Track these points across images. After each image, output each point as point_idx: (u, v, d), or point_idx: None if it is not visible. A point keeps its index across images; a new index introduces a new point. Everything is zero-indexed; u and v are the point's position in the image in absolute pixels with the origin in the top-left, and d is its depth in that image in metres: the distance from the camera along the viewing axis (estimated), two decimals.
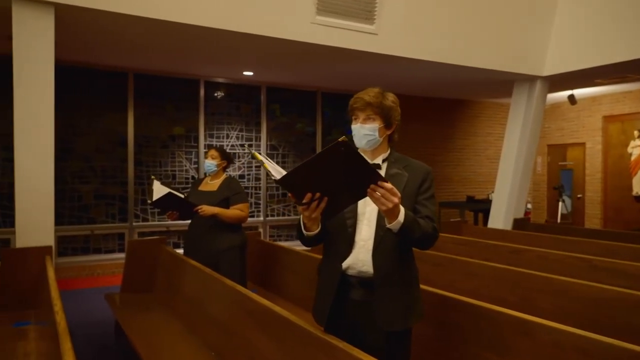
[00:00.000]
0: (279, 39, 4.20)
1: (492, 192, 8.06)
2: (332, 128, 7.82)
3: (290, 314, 2.03)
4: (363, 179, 1.52)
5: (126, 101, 6.30)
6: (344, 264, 1.80)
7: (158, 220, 6.48)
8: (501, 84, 6.40)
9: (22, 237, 3.44)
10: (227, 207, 3.32)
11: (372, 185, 1.53)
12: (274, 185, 7.31)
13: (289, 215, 7.42)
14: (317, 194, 1.54)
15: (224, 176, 3.49)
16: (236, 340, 2.46)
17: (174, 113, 6.62)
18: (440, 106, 8.55)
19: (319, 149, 7.63)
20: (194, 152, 6.74)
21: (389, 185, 1.54)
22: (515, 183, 6.15)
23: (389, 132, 1.87)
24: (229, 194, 3.33)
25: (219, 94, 6.93)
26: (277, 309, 2.14)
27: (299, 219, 1.78)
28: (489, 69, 5.46)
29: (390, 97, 1.85)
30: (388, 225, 1.65)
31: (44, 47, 3.25)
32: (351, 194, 1.59)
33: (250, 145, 7.10)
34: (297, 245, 6.26)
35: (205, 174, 3.65)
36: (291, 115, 7.47)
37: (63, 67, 5.50)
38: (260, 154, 1.62)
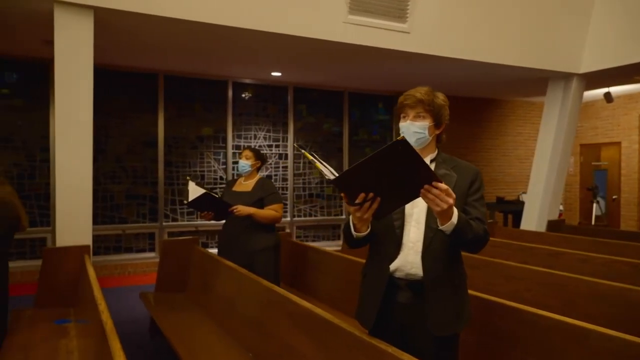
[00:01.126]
0: (310, 38, 4.19)
1: (523, 192, 7.87)
2: (359, 128, 7.78)
3: (333, 317, 2.00)
4: (418, 179, 1.48)
5: (156, 103, 6.39)
6: (392, 266, 1.76)
7: (187, 220, 6.55)
8: (535, 82, 6.24)
9: (61, 236, 3.51)
10: (262, 208, 3.31)
11: (426, 186, 1.50)
12: (301, 185, 7.31)
13: (315, 216, 7.41)
14: (370, 194, 1.50)
15: (257, 176, 3.49)
16: (274, 342, 2.44)
17: (203, 114, 6.68)
18: (469, 105, 8.40)
19: (345, 149, 7.59)
20: (222, 153, 6.79)
21: (444, 185, 1.50)
22: (549, 184, 5.99)
23: (438, 132, 1.84)
24: (264, 194, 3.33)
25: (246, 95, 6.97)
26: (318, 311, 2.11)
27: (347, 219, 1.75)
28: (523, 67, 5.32)
29: (441, 96, 1.81)
30: (441, 227, 1.61)
31: (84, 50, 3.31)
32: (404, 195, 1.56)
33: (277, 146, 7.11)
34: (327, 246, 6.25)
35: (234, 174, 3.65)
36: (318, 115, 7.45)
37: (96, 70, 5.60)
38: (311, 154, 1.59)
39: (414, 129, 1.78)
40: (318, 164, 1.53)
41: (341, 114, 7.61)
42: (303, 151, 1.69)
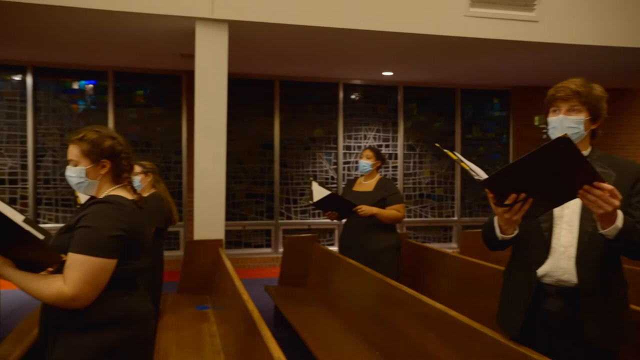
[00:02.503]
0: (428, 35, 4.11)
1: None
2: (473, 126, 7.44)
3: (472, 321, 1.94)
4: (577, 179, 1.38)
5: (273, 107, 6.75)
6: (540, 271, 1.66)
7: (301, 219, 6.83)
8: None
9: (199, 230, 3.88)
10: (383, 208, 3.33)
11: (586, 186, 1.39)
12: (411, 185, 7.20)
13: (426, 217, 7.24)
14: (522, 195, 1.44)
15: (377, 176, 3.51)
16: (402, 342, 2.44)
17: (315, 116, 6.91)
18: None
19: (457, 148, 7.31)
20: (333, 153, 6.95)
21: (608, 186, 1.38)
22: None
23: (593, 127, 1.69)
24: (386, 194, 3.34)
25: (356, 96, 7.05)
26: (454, 313, 2.06)
27: (490, 220, 1.69)
28: None
29: (598, 88, 1.66)
30: (602, 231, 1.48)
31: (220, 61, 3.62)
32: (559, 195, 1.46)
33: (387, 146, 7.09)
34: (446, 247, 6.08)
35: (344, 174, 3.70)
36: (429, 114, 7.28)
37: None
38: (454, 153, 1.57)
39: (567, 124, 1.65)
40: (465, 164, 1.50)
41: (453, 112, 7.34)
42: (445, 150, 1.66)
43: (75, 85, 6.15)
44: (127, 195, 1.58)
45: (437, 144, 2.28)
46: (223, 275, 3.28)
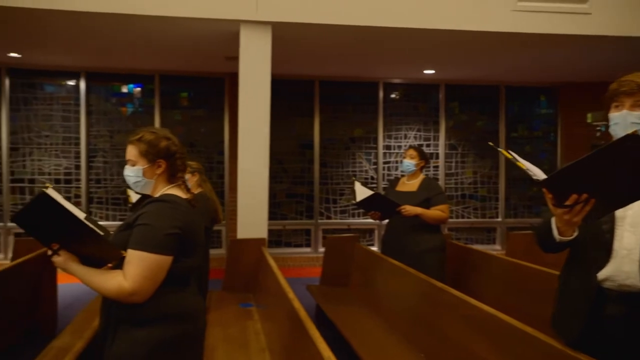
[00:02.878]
0: (475, 31, 4.01)
1: None
2: (518, 124, 7.20)
3: (524, 325, 1.88)
4: None
5: (313, 107, 6.79)
6: (600, 275, 1.58)
7: (340, 219, 6.83)
8: None
9: (242, 229, 3.95)
10: (427, 208, 3.28)
11: None
12: (453, 186, 7.05)
13: (468, 218, 7.07)
14: (584, 196, 1.37)
15: (421, 176, 3.46)
16: (450, 345, 2.40)
17: (355, 116, 6.89)
18: None
19: (502, 147, 7.09)
20: (373, 153, 6.91)
21: None
22: None
23: None
24: (431, 194, 3.29)
25: (396, 95, 6.98)
26: (505, 317, 2.00)
27: (546, 221, 1.62)
28: None
29: None
30: None
31: (263, 63, 3.68)
32: (624, 196, 1.38)
33: (427, 145, 6.98)
34: (490, 249, 5.92)
35: (383, 174, 3.66)
36: (471, 112, 7.11)
37: None
38: (510, 152, 1.52)
39: (631, 119, 1.56)
40: (521, 163, 1.45)
41: (497, 110, 7.13)
42: (500, 149, 1.62)
43: (124, 89, 6.41)
44: (181, 194, 1.63)
45: (490, 143, 2.22)
46: (267, 273, 3.33)
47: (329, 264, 4.21)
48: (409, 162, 3.41)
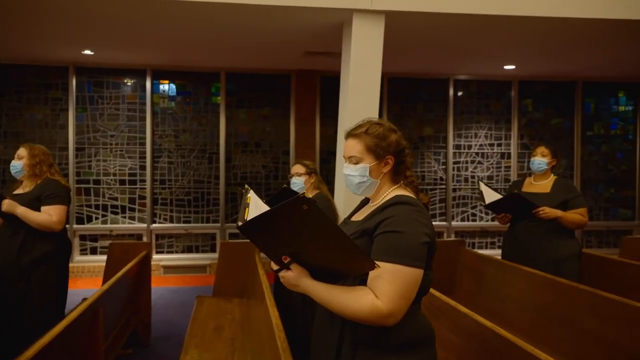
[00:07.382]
0: (568, 18, 3.66)
1: None
2: (594, 122, 6.82)
3: None
4: None
5: (381, 105, 6.52)
6: None
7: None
8: None
9: None
10: (564, 211, 2.99)
11: None
12: None
13: None
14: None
15: (552, 176, 3.17)
16: None
17: (424, 114, 6.61)
18: None
19: (577, 146, 6.73)
20: (442, 153, 6.62)
21: None
22: None
23: None
24: (569, 196, 2.99)
25: (467, 92, 6.68)
26: None
27: None
28: None
29: None
30: None
31: (374, 58, 3.41)
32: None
33: (499, 145, 6.66)
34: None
35: (453, 175, 3.36)
36: (546, 110, 6.76)
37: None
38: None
39: None
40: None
41: (572, 107, 6.77)
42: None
43: (189, 87, 6.25)
44: (412, 196, 1.39)
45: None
46: None
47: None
48: (541, 161, 3.12)
